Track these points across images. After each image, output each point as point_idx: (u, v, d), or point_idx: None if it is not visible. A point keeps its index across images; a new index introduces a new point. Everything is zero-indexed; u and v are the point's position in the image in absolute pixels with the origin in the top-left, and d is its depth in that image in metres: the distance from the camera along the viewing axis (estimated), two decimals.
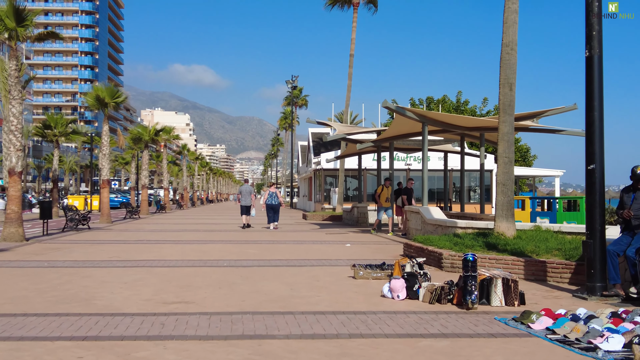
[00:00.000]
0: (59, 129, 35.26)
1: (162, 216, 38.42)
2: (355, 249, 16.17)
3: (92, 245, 16.98)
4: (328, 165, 41.63)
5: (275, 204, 24.55)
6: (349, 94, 36.64)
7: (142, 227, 25.88)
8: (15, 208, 17.62)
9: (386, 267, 10.64)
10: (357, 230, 24.34)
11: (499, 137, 13.09)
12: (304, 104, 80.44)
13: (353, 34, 36.48)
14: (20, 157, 17.79)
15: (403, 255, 14.36)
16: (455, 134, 25.48)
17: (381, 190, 21.68)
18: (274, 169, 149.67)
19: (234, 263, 12.75)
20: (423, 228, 18.44)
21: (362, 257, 14.03)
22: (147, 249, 15.80)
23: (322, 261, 13.20)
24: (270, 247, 16.85)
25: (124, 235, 21.20)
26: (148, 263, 12.63)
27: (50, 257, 13.64)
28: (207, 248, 16.26)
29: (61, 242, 17.96)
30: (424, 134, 19.29)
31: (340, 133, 22.82)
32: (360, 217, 28.70)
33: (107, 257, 13.83)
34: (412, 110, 19.00)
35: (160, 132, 44.12)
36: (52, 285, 9.65)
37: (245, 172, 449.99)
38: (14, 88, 17.58)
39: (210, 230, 24.32)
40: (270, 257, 13.95)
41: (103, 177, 29.09)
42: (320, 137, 49.41)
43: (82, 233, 21.71)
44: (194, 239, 19.60)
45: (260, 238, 19.95)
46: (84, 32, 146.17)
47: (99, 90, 28.84)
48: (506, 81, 13.10)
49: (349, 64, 36.62)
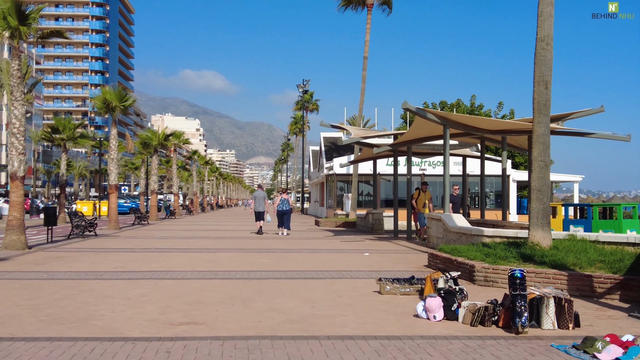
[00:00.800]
0: (67, 133, 34.51)
1: (172, 222, 37.57)
2: (374, 259, 15.21)
3: (97, 254, 16.10)
4: (341, 170, 40.67)
5: (287, 209, 24.61)
6: (363, 97, 35.69)
7: (151, 234, 25.02)
8: (17, 214, 16.78)
9: (415, 281, 9.66)
10: (373, 238, 23.37)
11: (534, 140, 12.12)
12: (315, 108, 79.55)
13: (367, 36, 35.57)
14: (23, 161, 16.96)
15: (427, 266, 13.41)
16: (474, 138, 24.47)
17: (418, 195, 20.58)
18: (284, 174, 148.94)
19: (247, 275, 11.82)
20: (445, 236, 17.46)
21: (384, 268, 13.07)
22: (154, 258, 14.90)
23: (341, 273, 12.25)
24: (284, 256, 15.92)
25: (131, 242, 20.34)
26: (155, 275, 11.71)
27: (51, 268, 12.76)
28: (217, 257, 15.34)
29: (65, 250, 17.10)
30: (446, 137, 18.31)
31: (356, 137, 21.88)
32: (375, 224, 27.73)
33: (112, 267, 12.93)
34: (433, 112, 18.03)
35: (169, 136, 43.34)
36: (48, 301, 8.76)
37: (255, 177, 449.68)
38: (16, 89, 16.76)
39: (221, 237, 23.43)
40: (286, 268, 13.01)
41: (111, 182, 28.27)
42: (333, 142, 48.46)
43: (88, 240, 20.86)
44: (204, 247, 18.70)
45: (273, 246, 19.03)
46: (94, 37, 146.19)
47: (106, 94, 28.04)
48: (541, 79, 12.12)
49: (363, 67, 35.70)
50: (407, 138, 20.88)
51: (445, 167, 18.55)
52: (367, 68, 35.70)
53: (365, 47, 35.65)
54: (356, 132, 22.80)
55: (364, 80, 35.67)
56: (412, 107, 17.66)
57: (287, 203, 24.70)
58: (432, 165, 40.73)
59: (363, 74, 35.62)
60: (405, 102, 17.61)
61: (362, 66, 35.71)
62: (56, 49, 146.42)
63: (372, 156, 28.52)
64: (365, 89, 35.72)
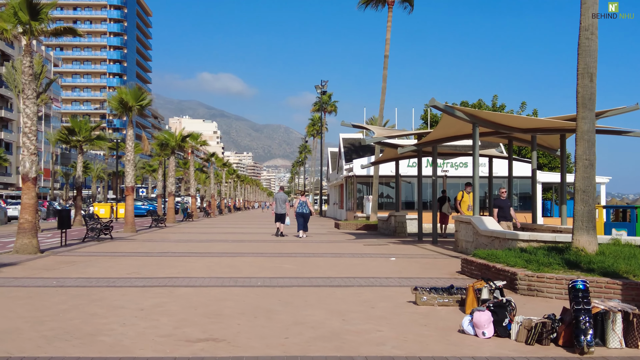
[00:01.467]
0: (83, 135, 34.01)
1: (189, 225, 36.94)
2: (402, 264, 14.36)
3: (111, 258, 15.40)
4: (361, 171, 39.79)
5: (306, 212, 24.60)
6: (384, 97, 34.84)
7: (168, 237, 24.34)
8: (29, 217, 16.14)
9: (455, 291, 8.80)
10: (396, 241, 22.50)
11: (578, 137, 11.20)
12: (333, 109, 78.66)
13: (387, 34, 34.71)
14: (35, 161, 16.32)
15: (460, 272, 12.53)
16: (501, 138, 23.54)
17: (462, 197, 19.51)
18: (301, 176, 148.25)
19: (269, 282, 11.02)
20: (475, 240, 16.57)
21: (414, 275, 12.21)
22: (170, 263, 14.16)
23: (369, 280, 11.41)
24: (307, 261, 15.12)
25: (147, 246, 19.64)
26: (171, 281, 10.96)
27: (61, 274, 12.05)
28: (237, 262, 14.57)
29: (78, 254, 16.43)
30: (475, 136, 17.41)
31: (379, 136, 21.03)
32: (398, 227, 26.85)
33: (126, 273, 12.20)
34: (462, 110, 17.14)
35: (187, 137, 42.73)
36: (53, 312, 8.02)
37: (272, 179, 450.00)
38: (27, 87, 16.13)
39: (240, 240, 22.68)
40: (310, 274, 12.19)
41: (127, 184, 27.65)
42: (352, 143, 47.60)
43: (103, 244, 20.21)
44: (222, 250, 17.94)
45: (295, 250, 18.23)
46: (112, 39, 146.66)
47: (122, 93, 27.45)
48: (585, 71, 11.22)
49: (383, 66, 34.82)
50: (433, 137, 19.99)
51: (475, 168, 17.64)
52: (387, 67, 34.80)
53: (386, 45, 34.79)
54: (379, 132, 21.96)
55: (385, 79, 34.81)
56: (439, 104, 16.80)
57: (305, 205, 24.75)
58: (455, 167, 39.76)
59: (384, 73, 34.75)
60: (433, 100, 16.75)
61: (383, 65, 34.85)
62: (74, 52, 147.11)
63: (394, 157, 27.65)
64: (386, 88, 34.86)
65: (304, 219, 24.51)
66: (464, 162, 39.71)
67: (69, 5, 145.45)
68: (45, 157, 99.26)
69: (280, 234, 24.87)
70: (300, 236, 24.22)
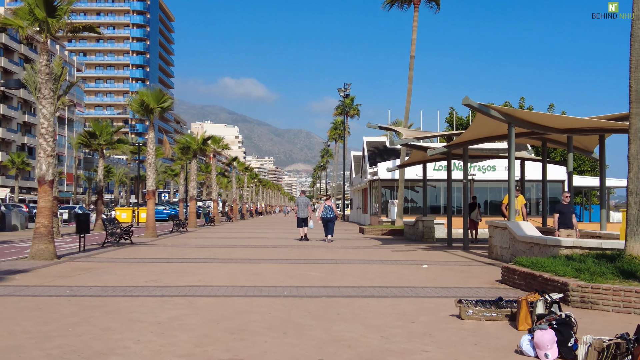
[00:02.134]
0: (105, 138, 33.58)
1: (211, 229, 36.33)
2: (436, 272, 13.50)
3: (130, 264, 14.74)
4: (385, 175, 38.94)
5: (331, 216, 24.50)
6: (409, 99, 33.96)
7: (189, 242, 23.71)
8: (45, 222, 15.56)
9: (504, 304, 7.94)
10: (425, 247, 21.63)
11: (631, 135, 10.30)
12: (356, 113, 77.83)
13: (413, 34, 33.88)
14: (52, 164, 15.75)
15: (501, 281, 11.66)
16: (534, 139, 22.60)
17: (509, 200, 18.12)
18: (323, 180, 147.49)
19: (296, 291, 10.25)
20: (512, 247, 15.67)
21: (451, 284, 11.37)
22: (191, 270, 13.46)
23: (404, 289, 10.59)
24: (334, 268, 14.33)
25: (167, 251, 18.99)
26: (191, 291, 10.24)
27: (76, 282, 11.39)
28: (261, 269, 13.82)
29: (96, 260, 15.81)
30: (511, 137, 16.51)
31: (408, 138, 20.20)
32: (425, 232, 25.94)
33: (144, 281, 11.51)
34: (497, 109, 16.26)
35: (208, 140, 42.20)
36: (63, 326, 7.32)
37: (294, 184, 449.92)
38: (44, 86, 15.57)
39: (263, 246, 21.97)
40: (339, 283, 11.40)
41: (149, 188, 27.09)
42: (376, 146, 46.76)
43: (123, 249, 19.61)
44: (245, 256, 17.22)
45: (321, 256, 17.46)
46: (135, 45, 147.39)
47: (143, 95, 26.93)
48: (639, 64, 10.32)
49: (409, 67, 33.98)
50: (465, 139, 19.10)
51: (511, 170, 16.73)
52: (413, 68, 33.97)
53: (412, 46, 33.96)
54: (407, 133, 21.11)
55: (411, 80, 33.95)
56: (474, 103, 15.94)
57: (331, 210, 24.64)
58: (482, 170, 38.75)
59: (410, 74, 33.90)
60: (467, 98, 15.90)
61: (409, 66, 34.01)
62: (97, 57, 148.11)
63: (421, 160, 26.80)
64: (412, 90, 34.00)
65: (329, 223, 24.48)
66: (492, 165, 38.70)
67: (92, 10, 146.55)
68: (68, 161, 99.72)
69: (304, 238, 24.56)
70: (327, 240, 24.11)
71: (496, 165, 38.98)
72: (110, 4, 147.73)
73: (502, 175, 39.01)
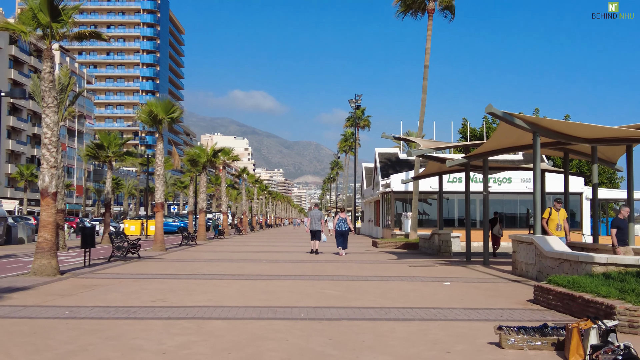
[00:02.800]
0: (113, 150, 32.98)
1: (220, 242, 35.58)
2: (460, 290, 12.67)
3: (135, 281, 13.99)
4: (398, 187, 38.09)
5: (345, 229, 24.15)
6: (423, 109, 33.20)
7: (198, 256, 22.96)
8: (48, 236, 14.85)
9: (550, 331, 7.11)
10: (443, 262, 20.79)
11: None
12: (367, 125, 77.07)
13: (427, 44, 33.16)
14: (55, 175, 15.07)
15: (533, 302, 10.81)
16: (555, 150, 21.75)
17: (549, 214, 16.77)
18: (332, 193, 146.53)
19: (314, 313, 9.46)
20: (538, 263, 14.82)
21: (479, 305, 10.53)
22: (200, 287, 12.69)
23: (430, 311, 9.77)
24: (351, 285, 13.52)
25: (175, 266, 18.24)
26: (200, 312, 9.46)
27: (77, 301, 10.64)
28: (274, 287, 13.04)
29: (101, 276, 15.08)
30: (536, 147, 15.70)
31: (426, 148, 19.40)
32: (442, 246, 25.07)
33: (150, 300, 10.75)
34: (522, 117, 15.45)
35: (218, 152, 41.54)
36: (57, 355, 6.56)
37: (303, 196, 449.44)
38: (47, 94, 14.92)
39: (274, 260, 21.18)
40: (359, 303, 10.59)
41: (157, 200, 26.39)
42: (389, 158, 45.94)
43: (130, 264, 18.87)
44: (257, 272, 16.43)
45: (335, 272, 16.65)
46: (145, 57, 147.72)
47: (152, 106, 26.30)
48: None
49: (423, 76, 33.24)
50: (486, 149, 18.28)
51: (536, 183, 15.92)
52: (428, 78, 33.23)
53: (426, 55, 33.23)
54: (425, 144, 20.33)
55: (425, 90, 33.21)
56: (497, 111, 15.14)
57: (345, 222, 24.30)
58: (498, 182, 37.84)
59: (424, 84, 33.16)
60: (490, 106, 15.11)
61: (423, 76, 33.27)
62: (108, 70, 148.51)
63: (437, 171, 26.00)
64: (426, 100, 33.26)
65: (343, 236, 24.12)
66: (507, 177, 37.81)
67: (102, 22, 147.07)
68: (78, 173, 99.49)
69: (315, 252, 24.29)
70: (340, 254, 23.78)
71: (512, 177, 38.10)
72: (120, 16, 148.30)
73: (518, 188, 38.15)
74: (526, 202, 39.44)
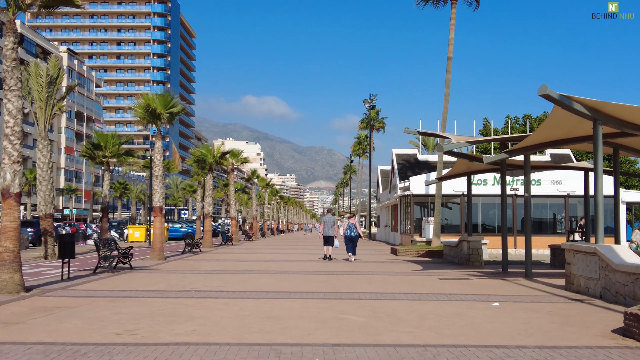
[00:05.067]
0: (110, 150, 30.51)
1: (227, 250, 32.97)
2: (516, 315, 9.97)
3: (111, 301, 11.41)
4: (419, 190, 35.40)
5: (354, 235, 23.83)
6: (447, 105, 30.47)
7: (199, 266, 20.38)
8: (10, 245, 12.30)
9: None
10: (477, 274, 18.09)
11: None
12: (381, 126, 74.25)
13: (451, 34, 30.46)
14: (19, 172, 12.51)
15: (626, 334, 8.10)
16: (605, 145, 18.98)
17: None
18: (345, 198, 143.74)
19: (332, 354, 6.81)
20: (604, 278, 12.08)
21: (555, 340, 7.86)
22: (188, 311, 10.09)
23: (496, 353, 7.08)
24: (377, 306, 10.84)
25: (169, 280, 15.65)
26: (176, 353, 6.84)
27: (20, 334, 8.07)
28: (280, 309, 10.40)
29: (74, 293, 12.52)
30: (597, 138, 12.98)
31: (460, 142, 16.70)
32: (472, 254, 22.34)
33: (115, 332, 8.15)
34: (581, 101, 12.73)
35: (226, 154, 38.97)
36: None
37: (315, 201, 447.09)
38: (9, 75, 12.37)
39: (284, 271, 18.55)
40: (393, 337, 7.93)
41: (155, 204, 23.90)
42: (407, 159, 43.21)
43: (117, 276, 16.33)
44: (262, 288, 13.80)
45: (355, 287, 14.00)
46: (155, 61, 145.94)
47: (149, 99, 23.80)
48: None
49: (446, 70, 30.55)
50: (533, 142, 15.48)
51: (598, 182, 13.16)
52: (451, 71, 30.54)
53: (449, 46, 30.53)
54: (458, 138, 17.63)
55: (448, 84, 30.51)
56: (553, 93, 12.43)
57: (354, 228, 23.95)
58: None
59: (447, 78, 30.46)
60: (545, 87, 12.39)
61: (446, 69, 30.58)
62: (118, 74, 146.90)
63: (466, 171, 23.31)
64: (449, 94, 30.57)
65: (352, 242, 23.78)
66: (537, 179, 35.01)
67: (112, 26, 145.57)
68: (85, 178, 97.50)
69: (328, 257, 23.97)
70: (350, 259, 23.34)
71: (541, 179, 35.31)
72: (131, 20, 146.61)
73: (548, 190, 35.27)
74: (556, 206, 36.60)
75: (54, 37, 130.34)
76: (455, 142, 16.37)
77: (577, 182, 35.65)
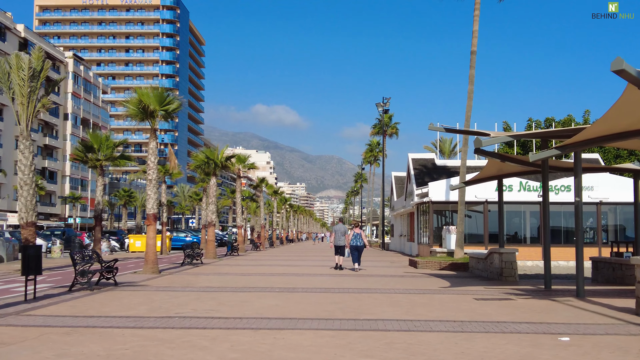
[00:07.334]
0: (104, 152, 28.06)
1: (231, 261, 30.39)
2: (604, 358, 7.34)
3: (69, 333, 8.86)
4: (438, 197, 32.76)
5: (360, 245, 23.86)
6: (471, 102, 27.80)
7: (195, 282, 17.83)
8: None
9: None
10: (516, 291, 15.46)
11: None
12: (394, 132, 71.66)
13: (475, 25, 27.90)
14: None
15: None
16: None
17: None
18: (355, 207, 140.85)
19: None
20: None
21: None
22: (160, 354, 7.53)
23: None
24: (409, 342, 8.23)
25: (153, 301, 13.09)
26: None
27: None
28: (284, 350, 7.82)
29: (27, 321, 9.98)
30: None
31: (500, 137, 14.08)
32: (505, 268, 19.66)
33: None
34: None
35: (231, 158, 36.45)
36: None
37: (325, 210, 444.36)
38: None
39: (291, 288, 15.96)
40: None
41: (148, 211, 21.40)
42: (424, 164, 40.52)
43: (94, 296, 13.82)
44: (263, 312, 11.21)
45: (376, 311, 11.38)
46: (164, 68, 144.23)
47: (142, 95, 21.45)
48: None
49: (470, 65, 27.95)
50: (596, 133, 12.69)
51: None
52: (475, 66, 27.95)
53: (473, 39, 27.96)
54: (497, 133, 15.02)
55: (472, 81, 27.91)
56: (631, 69, 9.80)
57: (360, 238, 23.98)
58: (555, 191, 32.36)
59: (470, 74, 27.85)
60: (620, 60, 9.74)
61: (470, 64, 27.97)
62: (126, 81, 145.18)
63: (497, 174, 20.69)
64: (473, 91, 27.94)
65: (358, 251, 23.82)
66: (566, 184, 32.31)
67: (121, 33, 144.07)
68: (91, 186, 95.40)
69: (340, 267, 23.95)
70: (355, 269, 23.31)
71: (571, 185, 32.50)
72: (139, 26, 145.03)
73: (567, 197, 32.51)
74: (588, 214, 33.77)
75: (62, 44, 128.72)
76: (494, 137, 13.71)
77: (610, 188, 32.99)
